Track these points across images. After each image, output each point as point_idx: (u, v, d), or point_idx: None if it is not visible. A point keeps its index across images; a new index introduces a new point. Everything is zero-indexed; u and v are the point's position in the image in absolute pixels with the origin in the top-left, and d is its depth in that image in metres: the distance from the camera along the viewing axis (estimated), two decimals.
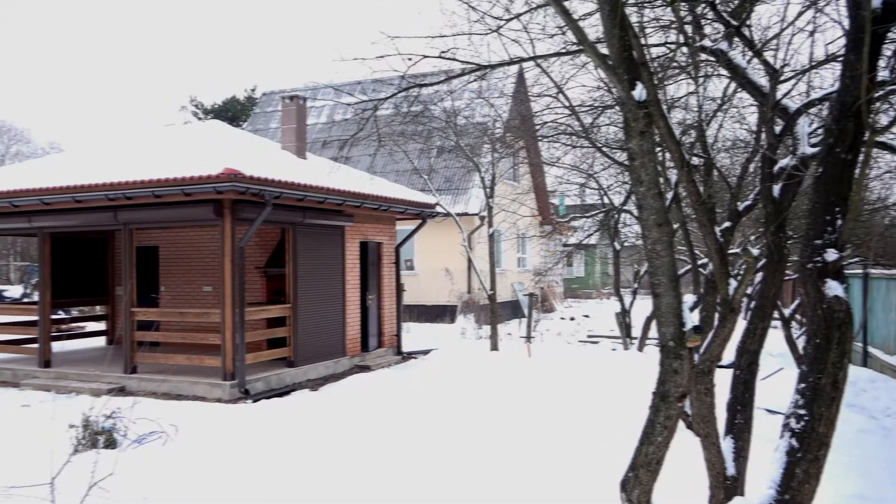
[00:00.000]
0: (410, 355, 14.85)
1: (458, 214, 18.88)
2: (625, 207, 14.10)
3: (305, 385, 11.53)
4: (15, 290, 28.64)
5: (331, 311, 12.75)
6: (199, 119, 41.01)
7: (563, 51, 6.58)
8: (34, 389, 11.31)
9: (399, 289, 15.19)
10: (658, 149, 5.28)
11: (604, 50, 3.55)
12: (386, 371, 12.86)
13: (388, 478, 6.43)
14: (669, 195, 6.46)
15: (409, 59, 5.36)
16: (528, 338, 15.26)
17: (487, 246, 16.79)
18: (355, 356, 13.42)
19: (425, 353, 15.09)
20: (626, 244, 17.52)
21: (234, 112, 39.91)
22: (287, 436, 7.96)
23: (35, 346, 12.71)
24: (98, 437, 7.31)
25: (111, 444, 7.34)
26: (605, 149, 10.30)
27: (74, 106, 67.62)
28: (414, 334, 18.39)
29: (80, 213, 11.62)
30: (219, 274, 13.51)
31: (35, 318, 12.76)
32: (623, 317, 15.72)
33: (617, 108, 9.30)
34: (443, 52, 5.64)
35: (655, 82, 3.74)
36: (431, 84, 5.58)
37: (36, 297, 26.44)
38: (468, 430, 8.20)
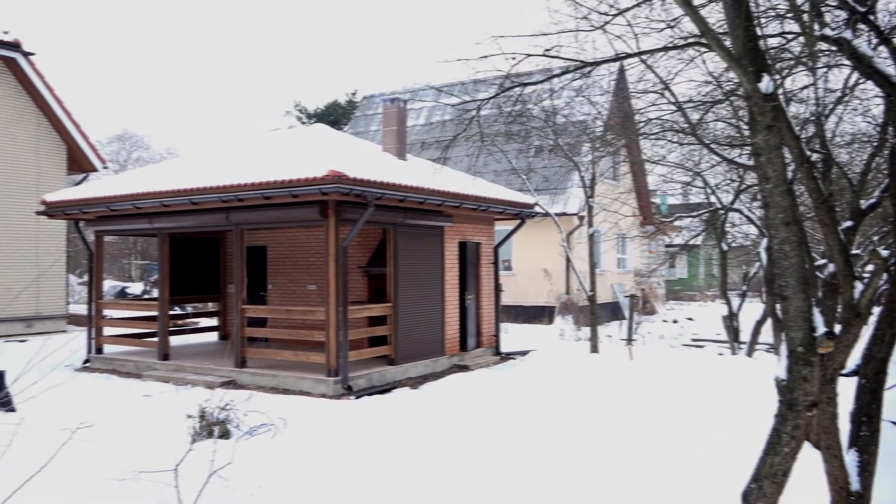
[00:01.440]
0: (509, 356, 14.80)
1: (556, 214, 18.68)
2: (733, 206, 13.52)
3: (405, 383, 11.70)
4: (136, 287, 30.55)
5: (430, 310, 12.89)
6: (303, 123, 42.43)
7: (671, 45, 6.38)
8: (154, 381, 12.01)
9: (497, 289, 15.18)
10: None
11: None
12: (485, 371, 12.87)
13: (488, 478, 6.43)
14: None
15: (513, 59, 5.33)
16: (629, 340, 14.90)
17: (587, 246, 16.52)
18: (454, 356, 13.51)
19: (524, 353, 15.01)
20: (733, 245, 16.81)
21: (335, 116, 41.04)
22: (389, 433, 8.10)
23: (155, 339, 13.53)
24: (213, 427, 7.67)
25: (225, 434, 7.69)
26: (713, 146, 9.90)
27: (188, 113, 71.46)
28: (512, 335, 18.33)
29: (196, 215, 12.26)
30: (322, 273, 13.98)
31: (155, 313, 13.58)
32: (730, 320, 15.10)
33: (726, 103, 8.93)
34: (546, 50, 5.58)
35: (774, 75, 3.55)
36: (535, 83, 5.53)
37: (155, 294, 28.17)
38: (572, 433, 8.09)
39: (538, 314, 22.30)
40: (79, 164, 20.19)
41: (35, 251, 18.69)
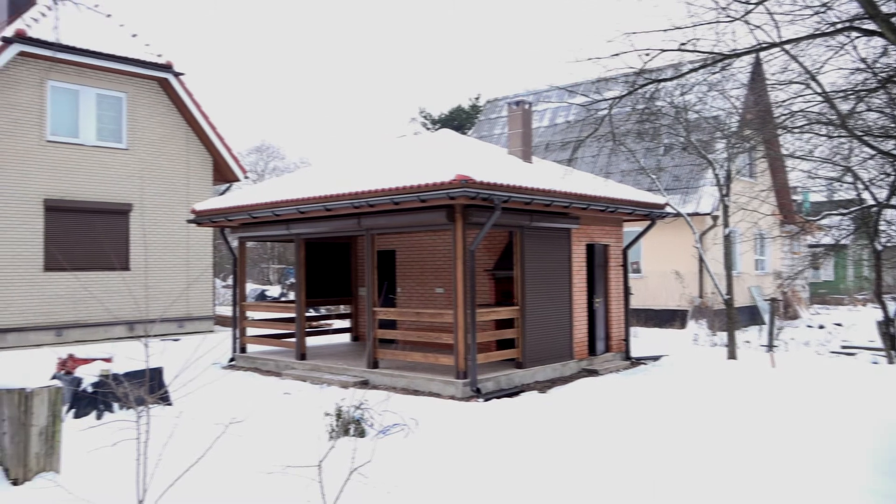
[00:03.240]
0: (640, 361, 14.37)
1: (688, 214, 17.95)
2: (889, 203, 12.44)
3: (534, 387, 11.62)
4: (274, 290, 32.24)
5: (558, 313, 12.74)
6: (428, 129, 43.24)
7: (819, 32, 5.97)
8: (293, 379, 12.61)
9: (627, 292, 14.78)
10: None
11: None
12: (615, 376, 12.56)
13: (617, 486, 6.26)
14: None
15: (646, 55, 5.17)
16: (771, 346, 14.06)
17: (722, 247, 15.75)
18: (582, 360, 13.28)
19: (655, 358, 14.52)
20: (888, 245, 15.47)
21: (459, 120, 41.53)
22: (519, 436, 8.07)
23: (293, 340, 14.21)
24: (349, 425, 7.94)
25: (360, 433, 7.94)
26: (865, 137, 9.15)
27: (318, 122, 74.70)
28: (642, 339, 17.78)
29: (330, 221, 12.76)
30: (450, 276, 14.17)
31: (292, 315, 14.27)
32: (886, 326, 13.91)
33: (881, 91, 8.25)
34: (682, 44, 5.37)
35: None
36: (670, 78, 5.34)
37: (291, 297, 29.62)
38: (708, 445, 7.73)
39: (669, 318, 21.52)
40: (223, 174, 21.59)
41: (186, 257, 20.15)
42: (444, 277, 14.54)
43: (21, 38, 16.85)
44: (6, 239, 17.03)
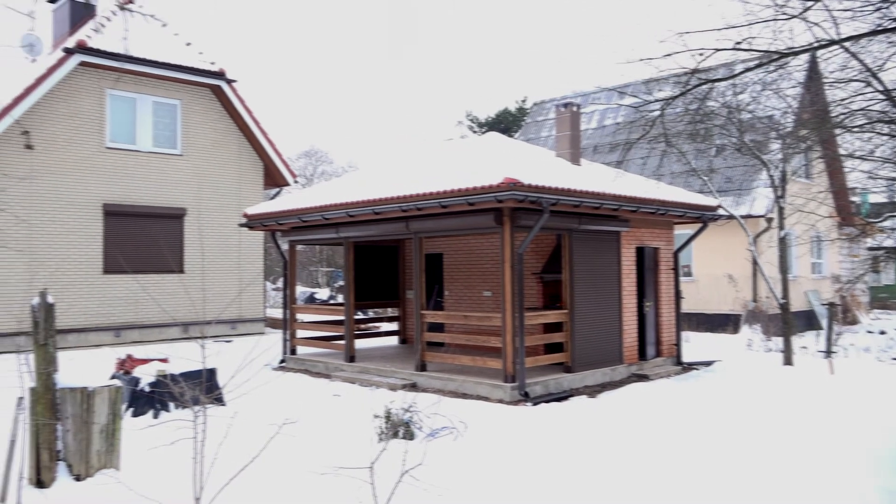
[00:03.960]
0: (691, 366, 14.10)
1: (741, 217, 17.55)
2: None
3: (583, 391, 11.51)
4: (323, 293, 32.65)
5: (607, 317, 12.60)
6: (474, 132, 43.27)
7: (880, 28, 5.78)
8: (342, 381, 12.74)
9: (678, 296, 14.53)
10: None
11: None
12: (666, 381, 12.35)
13: (672, 497, 6.15)
14: None
15: (700, 54, 5.08)
16: (829, 353, 13.65)
17: (777, 250, 15.36)
18: (632, 364, 13.10)
19: (707, 364, 14.23)
20: None
21: (506, 123, 41.45)
22: (568, 441, 8.00)
23: (342, 342, 14.37)
24: (398, 428, 7.99)
25: (409, 435, 7.98)
26: None
27: (365, 127, 75.44)
28: (694, 344, 17.45)
29: (378, 224, 12.87)
30: (497, 279, 14.13)
31: (341, 318, 14.43)
32: None
33: None
34: (737, 42, 5.26)
35: None
36: (725, 78, 5.24)
37: (339, 299, 29.95)
38: (764, 455, 7.54)
39: (722, 323, 21.06)
40: (273, 179, 21.97)
41: (238, 260, 20.57)
42: (491, 280, 14.51)
43: (82, 48, 17.45)
44: (68, 243, 17.64)
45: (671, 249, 14.50)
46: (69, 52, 17.43)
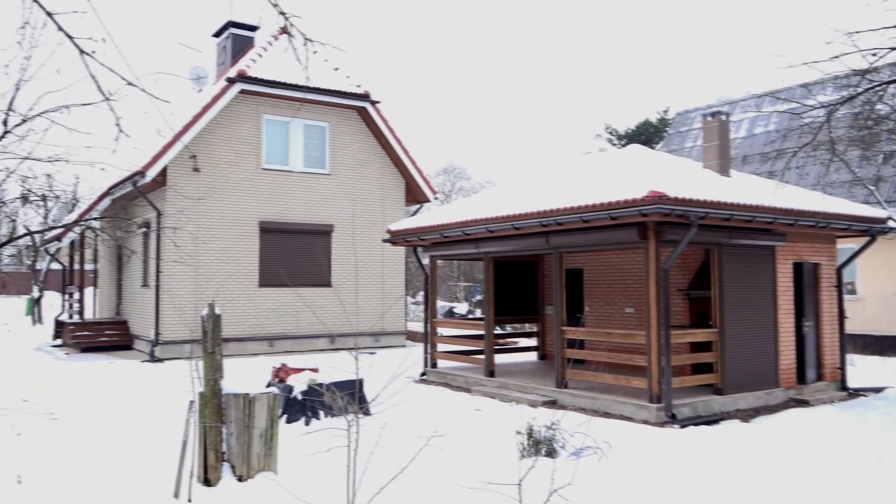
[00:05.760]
0: (858, 392, 12.96)
1: None
2: None
3: (734, 415, 10.88)
4: (461, 308, 33.07)
5: (761, 337, 11.86)
6: (613, 145, 42.40)
7: None
8: (481, 396, 12.80)
9: (842, 315, 13.42)
10: None
11: None
12: (829, 408, 11.41)
13: None
14: None
15: (873, 55, 4.70)
16: None
17: None
18: (790, 388, 12.22)
19: (877, 390, 13.02)
20: None
21: (646, 135, 40.31)
22: (721, 469, 7.57)
23: (481, 357, 14.45)
24: (540, 445, 7.90)
25: (551, 453, 7.87)
26: None
27: (502, 142, 75.94)
28: (860, 368, 16.04)
29: (517, 239, 12.87)
30: (640, 295, 13.71)
31: (481, 332, 14.53)
32: None
33: None
34: None
35: None
36: None
37: (477, 314, 30.20)
38: None
39: (892, 345, 19.22)
40: (414, 195, 22.59)
41: (381, 274, 21.29)
42: (633, 296, 14.10)
43: (242, 77, 18.83)
44: (229, 258, 19.00)
45: (833, 265, 13.44)
46: (231, 81, 18.85)
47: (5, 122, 5.28)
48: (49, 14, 3.52)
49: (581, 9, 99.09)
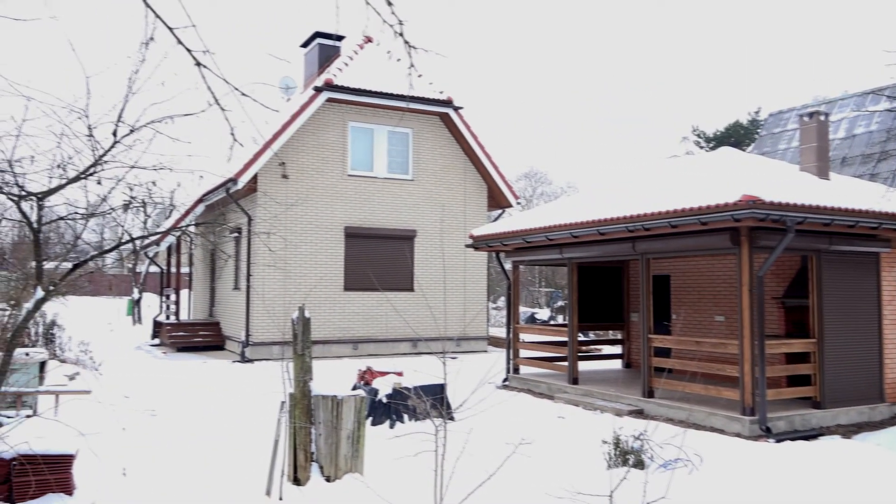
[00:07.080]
0: None
1: None
2: None
3: (835, 430, 10.34)
4: (543, 314, 32.80)
5: (863, 348, 11.23)
6: (701, 147, 41.14)
7: None
8: (565, 403, 12.64)
9: None
10: None
11: None
12: None
13: None
14: None
15: None
16: None
17: None
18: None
19: None
20: None
21: (736, 137, 38.92)
22: (822, 487, 7.20)
23: (564, 364, 14.26)
24: (627, 456, 7.73)
25: (639, 464, 7.68)
26: None
27: (584, 146, 74.94)
28: None
29: (602, 245, 12.65)
30: (731, 303, 13.23)
31: (564, 339, 14.35)
32: None
33: None
34: None
35: None
36: None
37: (559, 320, 29.89)
38: None
39: None
40: (496, 201, 22.57)
41: (463, 280, 21.36)
42: (723, 304, 13.62)
43: (329, 86, 19.31)
44: (316, 262, 19.50)
45: None
46: (318, 90, 19.36)
47: (115, 133, 5.59)
48: (170, 29, 3.73)
49: (663, 9, 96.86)
